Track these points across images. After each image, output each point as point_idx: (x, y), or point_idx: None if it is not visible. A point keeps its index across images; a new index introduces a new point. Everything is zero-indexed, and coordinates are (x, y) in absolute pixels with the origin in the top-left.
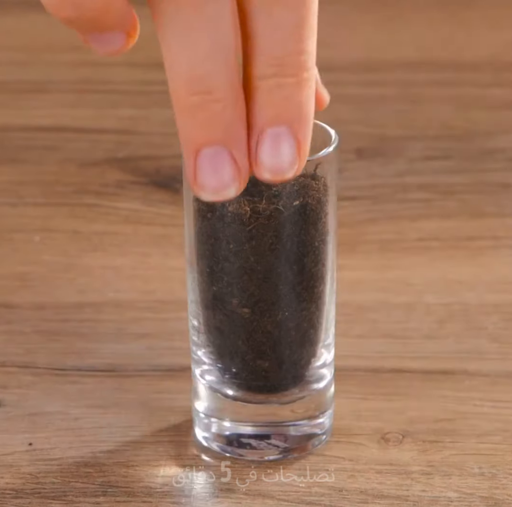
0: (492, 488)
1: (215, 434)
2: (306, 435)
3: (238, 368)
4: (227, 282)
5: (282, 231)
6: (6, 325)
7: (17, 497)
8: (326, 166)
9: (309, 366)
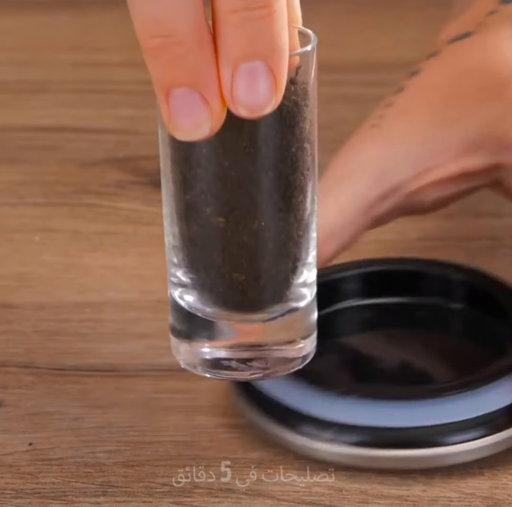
0: (492, 488)
1: (196, 357)
2: (287, 358)
3: (214, 283)
4: (200, 189)
5: (257, 134)
6: (6, 325)
7: (17, 497)
8: (306, 71)
9: (288, 283)
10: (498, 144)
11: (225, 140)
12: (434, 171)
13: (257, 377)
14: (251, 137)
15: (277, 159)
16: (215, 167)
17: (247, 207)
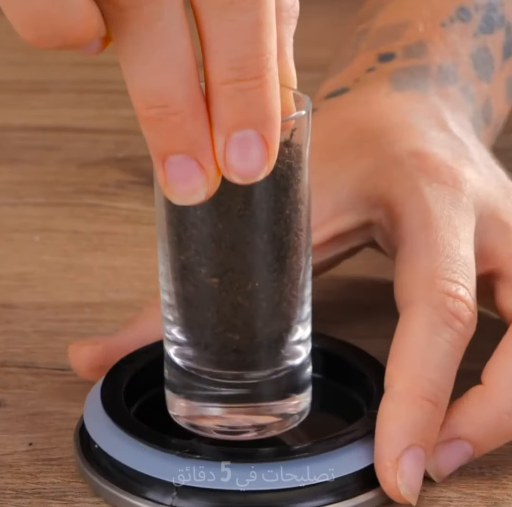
0: (492, 488)
1: (189, 415)
2: (282, 414)
3: (209, 342)
4: (195, 250)
5: (250, 197)
6: (6, 325)
7: (17, 497)
8: (300, 133)
9: (282, 342)
10: (368, 201)
11: (220, 203)
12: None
13: (252, 435)
14: (245, 200)
15: (271, 222)
16: (210, 229)
17: (241, 268)
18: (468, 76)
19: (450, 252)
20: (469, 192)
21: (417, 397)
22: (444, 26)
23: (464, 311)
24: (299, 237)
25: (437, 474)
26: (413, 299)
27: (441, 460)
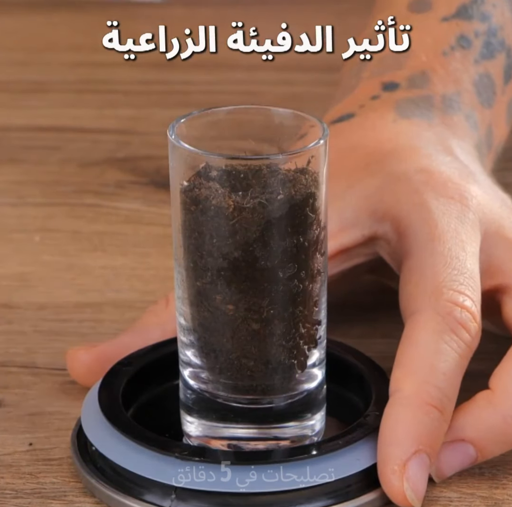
0: (492, 488)
1: (202, 435)
2: (297, 436)
3: (223, 367)
4: (210, 277)
5: (267, 226)
6: (7, 325)
7: (17, 497)
8: (317, 160)
9: (298, 367)
10: (373, 216)
11: (235, 231)
12: None
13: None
14: (261, 229)
15: (287, 249)
16: (225, 257)
17: (256, 296)
18: (471, 103)
19: (457, 264)
20: (475, 208)
21: (425, 403)
22: (445, 55)
23: (470, 321)
24: (315, 263)
25: (438, 474)
26: (421, 307)
27: (443, 461)
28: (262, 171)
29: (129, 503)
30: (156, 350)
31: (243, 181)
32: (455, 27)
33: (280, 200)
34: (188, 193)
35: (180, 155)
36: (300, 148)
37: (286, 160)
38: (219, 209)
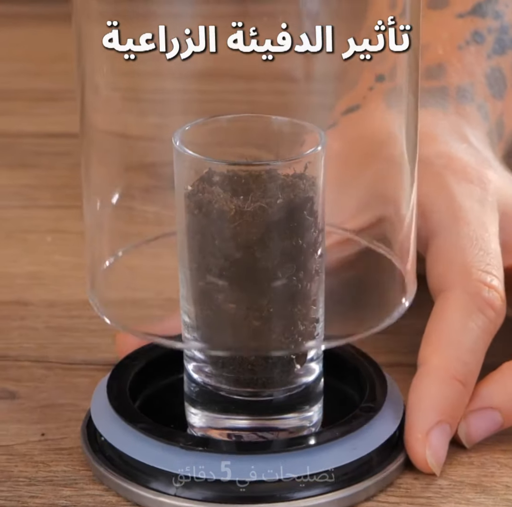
0: (481, 476)
1: (205, 426)
2: (296, 427)
3: (225, 362)
4: (213, 277)
5: (267, 229)
6: (20, 321)
7: (30, 484)
8: (315, 165)
9: (296, 361)
10: (381, 200)
11: (237, 234)
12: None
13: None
14: (261, 232)
15: (286, 251)
16: (227, 258)
17: (257, 295)
18: (483, 94)
19: (482, 245)
20: (493, 192)
21: (450, 377)
22: (460, 49)
23: (497, 300)
24: (313, 264)
25: (468, 440)
26: (450, 286)
27: (472, 427)
28: (262, 177)
29: (135, 491)
30: None
31: (244, 186)
32: (470, 23)
33: (279, 204)
34: (192, 198)
35: (184, 161)
36: (298, 155)
37: (285, 166)
38: (221, 212)
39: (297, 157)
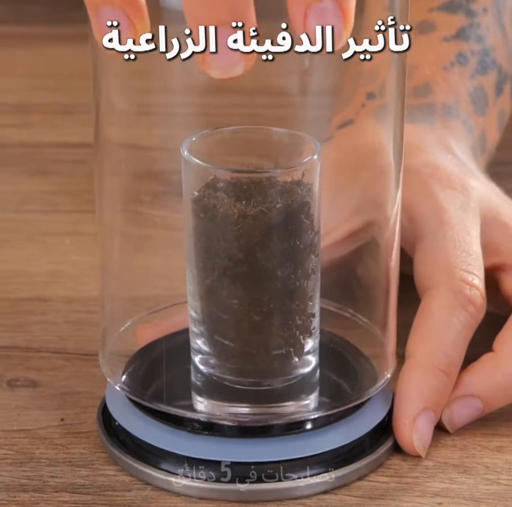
0: (463, 458)
1: (211, 413)
2: (294, 414)
3: (229, 354)
4: (217, 275)
5: (267, 232)
6: (40, 316)
7: (51, 465)
8: (311, 173)
9: (294, 354)
10: (372, 205)
11: (240, 236)
12: (332, 233)
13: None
14: (262, 234)
15: (285, 251)
16: (231, 258)
17: (258, 292)
18: (467, 111)
19: (465, 247)
20: (475, 198)
21: (435, 368)
22: (446, 69)
23: (478, 298)
24: (309, 263)
25: (451, 425)
26: (435, 285)
27: (455, 413)
28: (263, 183)
29: (147, 471)
30: (171, 339)
31: (246, 192)
32: (455, 46)
33: (278, 209)
34: (198, 202)
35: (191, 169)
36: (295, 163)
37: (283, 173)
38: (225, 216)
39: (295, 165)
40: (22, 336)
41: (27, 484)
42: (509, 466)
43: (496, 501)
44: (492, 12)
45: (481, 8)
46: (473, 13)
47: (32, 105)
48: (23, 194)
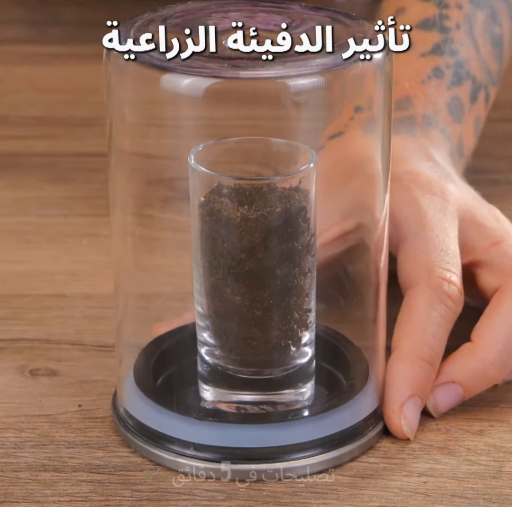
0: (447, 440)
1: (215, 400)
2: (292, 401)
3: (232, 346)
4: (222, 274)
5: (267, 234)
6: (60, 311)
7: (69, 447)
8: (308, 180)
9: (292, 346)
10: (361, 209)
11: (242, 237)
12: (325, 234)
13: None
14: (263, 236)
15: (284, 253)
16: (234, 258)
17: (259, 289)
18: (445, 120)
19: (443, 247)
20: (453, 202)
21: (418, 358)
22: (423, 83)
23: (456, 293)
24: (306, 263)
25: (435, 411)
26: (417, 282)
27: (438, 399)
28: (263, 189)
29: (157, 453)
30: (179, 332)
31: (248, 197)
32: (431, 61)
33: (278, 213)
34: (204, 207)
35: (198, 176)
36: (293, 171)
37: (282, 180)
38: (229, 219)
39: (292, 173)
40: (43, 329)
41: (48, 464)
42: (489, 448)
43: (476, 480)
44: (464, 27)
45: (454, 24)
46: (446, 29)
47: (54, 118)
48: (45, 199)
